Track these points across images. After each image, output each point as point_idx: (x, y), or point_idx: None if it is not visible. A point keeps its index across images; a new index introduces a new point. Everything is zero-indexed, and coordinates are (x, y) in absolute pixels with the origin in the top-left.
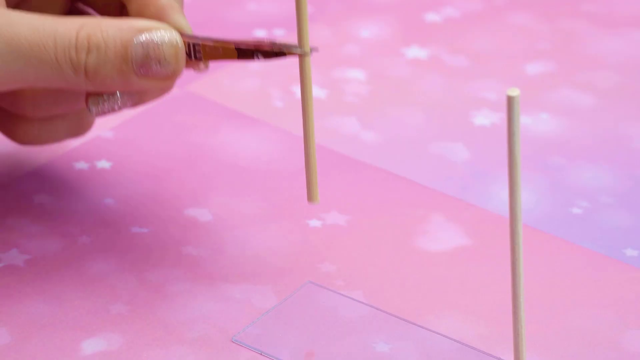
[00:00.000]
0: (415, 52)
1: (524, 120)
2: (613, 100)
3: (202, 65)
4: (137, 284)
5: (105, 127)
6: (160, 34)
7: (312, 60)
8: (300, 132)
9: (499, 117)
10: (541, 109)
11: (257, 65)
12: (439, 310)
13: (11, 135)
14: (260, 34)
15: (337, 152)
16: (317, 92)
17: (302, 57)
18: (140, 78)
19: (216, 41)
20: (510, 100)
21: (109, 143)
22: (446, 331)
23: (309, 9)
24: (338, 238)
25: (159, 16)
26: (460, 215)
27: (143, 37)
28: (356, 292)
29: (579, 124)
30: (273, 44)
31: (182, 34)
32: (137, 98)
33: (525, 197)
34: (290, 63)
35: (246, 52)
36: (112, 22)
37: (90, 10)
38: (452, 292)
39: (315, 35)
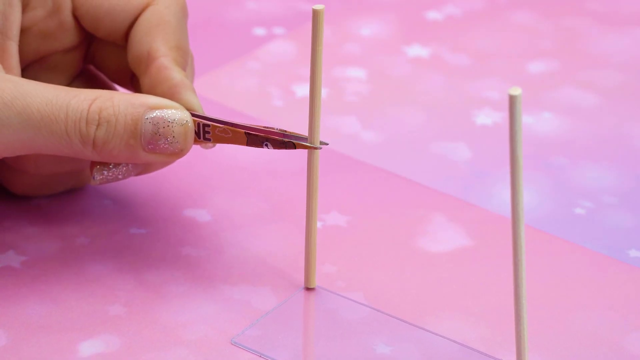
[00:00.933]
0: (417, 50)
1: (526, 119)
2: (616, 99)
3: (209, 143)
4: (136, 285)
5: None
6: (171, 113)
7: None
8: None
9: (501, 117)
10: (543, 108)
11: (256, 64)
12: (441, 312)
13: (9, 185)
14: (259, 32)
15: (337, 151)
16: None
17: (311, 150)
18: (147, 153)
19: (226, 124)
20: (512, 100)
21: None
22: (448, 333)
23: (307, 6)
24: (338, 239)
25: (170, 93)
26: (461, 216)
27: (154, 114)
28: (357, 294)
29: (582, 123)
30: (284, 133)
31: (192, 114)
32: (141, 168)
33: (527, 197)
34: (289, 62)
35: (256, 138)
36: (124, 96)
37: (100, 74)
38: (453, 293)
39: None
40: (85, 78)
